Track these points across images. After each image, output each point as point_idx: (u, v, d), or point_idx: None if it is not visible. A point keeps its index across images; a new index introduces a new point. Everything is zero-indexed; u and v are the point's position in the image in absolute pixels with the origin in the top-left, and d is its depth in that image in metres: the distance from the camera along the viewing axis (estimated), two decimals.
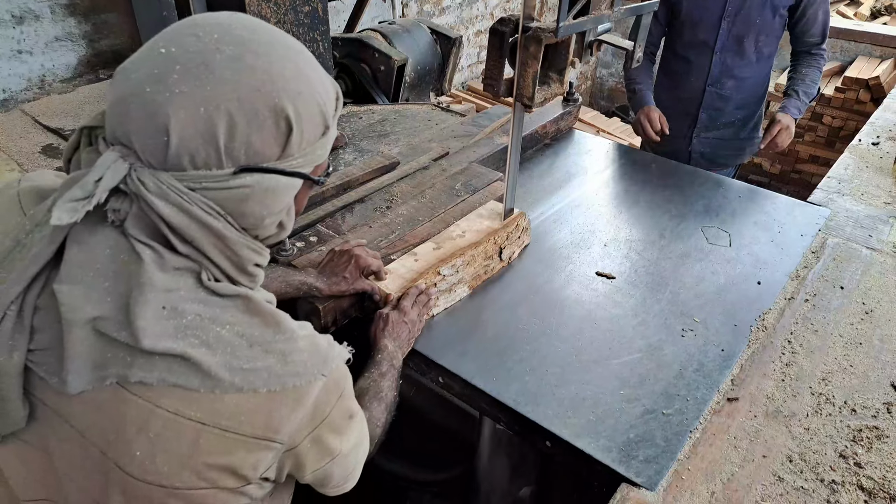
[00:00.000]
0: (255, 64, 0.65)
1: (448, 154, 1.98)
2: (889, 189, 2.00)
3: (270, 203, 0.69)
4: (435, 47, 2.90)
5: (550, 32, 1.35)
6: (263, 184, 0.67)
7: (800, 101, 2.33)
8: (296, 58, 0.69)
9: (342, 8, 2.93)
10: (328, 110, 0.72)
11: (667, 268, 1.60)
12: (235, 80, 0.64)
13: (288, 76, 0.67)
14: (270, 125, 0.66)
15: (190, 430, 0.64)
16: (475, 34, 4.25)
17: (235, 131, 0.64)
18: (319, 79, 0.72)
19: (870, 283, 1.56)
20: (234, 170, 0.65)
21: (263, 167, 0.67)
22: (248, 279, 0.73)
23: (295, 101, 0.67)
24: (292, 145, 0.68)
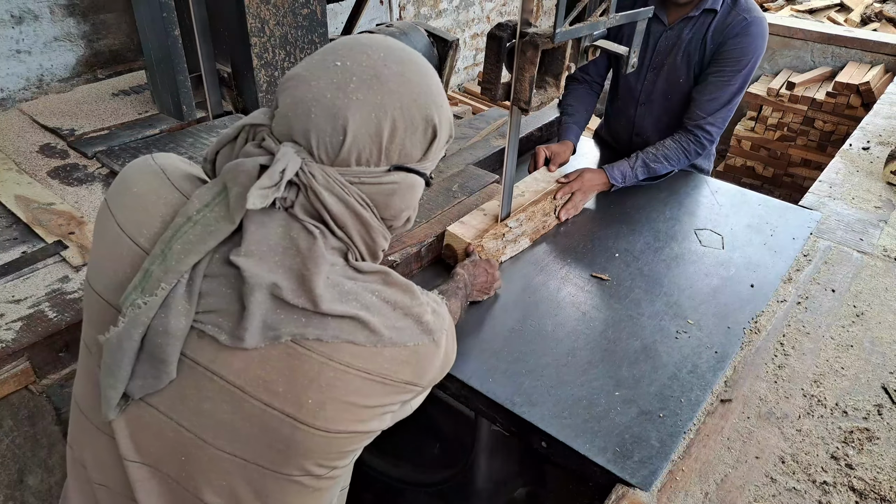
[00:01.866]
0: (413, 79, 0.77)
1: (445, 156, 1.99)
2: (879, 193, 2.03)
3: (409, 199, 0.81)
4: (432, 50, 2.91)
5: (547, 38, 1.36)
6: (407, 181, 0.79)
7: (632, 170, 1.90)
8: (436, 76, 0.82)
9: (340, 10, 2.94)
10: (452, 122, 0.84)
11: (661, 270, 1.62)
12: (400, 91, 0.75)
13: (434, 91, 0.79)
14: (421, 131, 0.78)
15: (357, 380, 0.74)
16: (472, 37, 4.27)
17: (396, 134, 0.76)
18: (440, 88, 0.83)
19: (860, 286, 1.58)
20: (388, 167, 0.77)
21: (409, 167, 0.78)
22: (374, 260, 0.84)
23: (439, 112, 0.79)
24: (433, 150, 0.80)
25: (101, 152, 1.85)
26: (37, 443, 1.28)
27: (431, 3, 3.81)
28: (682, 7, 1.86)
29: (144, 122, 2.04)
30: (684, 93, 1.95)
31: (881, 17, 4.84)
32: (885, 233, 1.81)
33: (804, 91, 4.01)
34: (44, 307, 1.30)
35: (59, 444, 1.32)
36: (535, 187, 1.79)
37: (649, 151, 1.92)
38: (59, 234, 1.50)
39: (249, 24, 2.00)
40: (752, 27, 1.79)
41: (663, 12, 1.91)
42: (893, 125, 2.57)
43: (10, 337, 1.22)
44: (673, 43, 1.90)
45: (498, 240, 1.59)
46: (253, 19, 2.01)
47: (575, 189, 1.82)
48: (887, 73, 3.97)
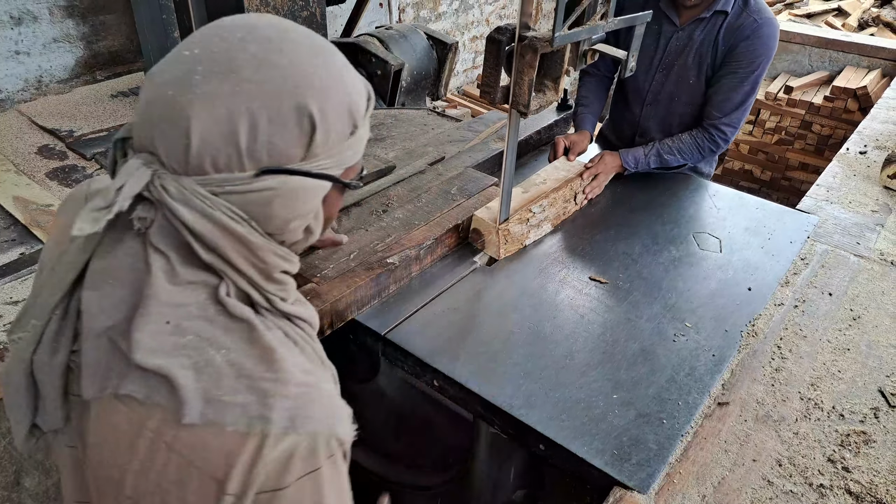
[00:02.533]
0: (279, 62, 0.62)
1: (444, 159, 2.00)
2: (876, 197, 2.04)
3: (296, 206, 0.66)
4: (431, 52, 2.93)
5: (546, 42, 1.37)
6: (288, 185, 0.64)
7: (645, 157, 1.97)
8: (324, 56, 0.67)
9: (339, 13, 2.95)
10: (358, 109, 0.69)
11: (659, 273, 1.62)
12: (258, 79, 0.61)
13: (313, 74, 0.64)
14: (293, 125, 0.63)
15: (163, 454, 0.60)
16: (471, 39, 4.28)
17: (257, 132, 0.62)
18: (350, 77, 0.69)
19: (857, 290, 1.59)
20: (257, 171, 0.63)
21: (287, 168, 0.64)
22: (276, 287, 0.69)
23: (320, 100, 0.64)
24: (317, 145, 0.65)
25: (99, 153, 1.85)
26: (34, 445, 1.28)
27: (431, 5, 3.82)
28: (693, 9, 1.88)
29: None
30: (692, 94, 1.97)
31: (878, 22, 4.86)
32: (881, 237, 1.82)
33: (802, 95, 4.03)
34: None
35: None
36: (556, 175, 1.87)
37: (665, 143, 1.98)
38: None
39: None
40: (762, 29, 1.81)
41: (674, 13, 1.93)
42: (890, 129, 2.58)
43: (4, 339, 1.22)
44: (684, 44, 1.93)
45: (523, 224, 1.68)
46: None
47: (599, 171, 1.95)
48: (884, 78, 3.99)
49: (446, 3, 3.92)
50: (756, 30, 1.82)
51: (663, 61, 1.98)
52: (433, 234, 1.58)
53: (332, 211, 0.75)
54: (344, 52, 2.35)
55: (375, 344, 1.40)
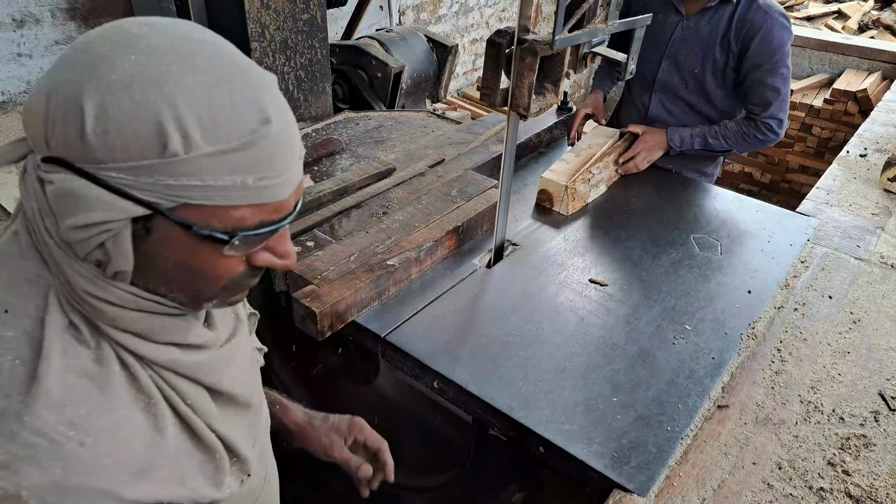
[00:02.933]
0: (96, 49, 0.55)
1: (444, 161, 2.00)
2: (876, 200, 2.04)
3: (71, 209, 0.56)
4: (431, 55, 2.93)
5: (546, 45, 1.37)
6: (66, 183, 0.55)
7: (691, 137, 2.03)
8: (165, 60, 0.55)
9: (340, 15, 2.95)
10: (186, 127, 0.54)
11: (659, 275, 1.62)
12: (71, 58, 0.56)
13: (118, 66, 0.54)
14: (72, 114, 0.54)
15: None
16: (471, 42, 4.28)
17: (48, 114, 0.55)
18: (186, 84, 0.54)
19: (857, 293, 1.59)
20: (43, 156, 0.56)
21: (71, 164, 0.55)
22: (90, 310, 0.61)
23: (105, 93, 0.53)
24: (92, 144, 0.54)
25: None
26: None
27: (431, 8, 3.83)
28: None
29: None
30: (698, 84, 2.04)
31: (878, 25, 4.87)
32: (882, 240, 1.82)
33: (802, 98, 4.03)
34: None
35: None
36: (598, 140, 2.03)
37: (712, 128, 2.05)
38: None
39: (250, 28, 2.01)
40: (773, 22, 1.87)
41: (680, 3, 2.00)
42: (890, 132, 2.58)
43: None
44: (690, 34, 1.99)
45: (585, 184, 1.88)
46: (254, 24, 2.02)
47: (639, 150, 2.04)
48: (884, 81, 3.99)
49: (446, 5, 3.93)
50: (766, 22, 1.87)
51: (669, 50, 2.04)
52: (433, 237, 1.58)
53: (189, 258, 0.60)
54: (344, 54, 2.34)
55: (375, 346, 1.40)
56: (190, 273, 0.62)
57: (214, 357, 0.71)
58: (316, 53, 2.28)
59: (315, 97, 2.35)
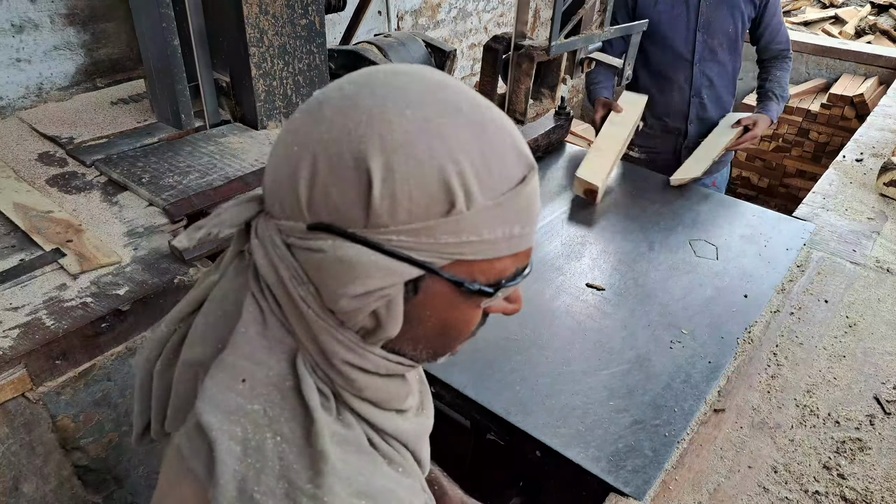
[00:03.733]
0: (362, 104, 0.51)
1: None
2: (872, 205, 2.05)
3: (344, 278, 0.52)
4: (430, 60, 2.94)
5: (542, 51, 1.38)
6: (339, 251, 0.51)
7: (777, 104, 2.42)
8: (435, 112, 0.51)
9: (338, 20, 2.97)
10: (468, 183, 0.51)
11: (656, 280, 1.63)
12: (332, 118, 0.52)
13: (395, 124, 0.50)
14: (351, 176, 0.50)
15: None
16: (469, 47, 4.30)
17: (316, 178, 0.52)
18: (463, 139, 0.51)
19: (853, 297, 1.60)
20: (309, 224, 0.52)
21: (342, 230, 0.52)
22: (342, 380, 0.58)
23: (390, 153, 0.50)
24: (377, 210, 0.50)
25: (99, 160, 1.86)
26: (32, 451, 1.28)
27: (429, 13, 3.84)
28: None
29: (143, 130, 2.05)
30: (731, 41, 2.34)
31: (875, 30, 4.89)
32: (877, 244, 1.83)
33: (799, 102, 4.04)
34: (41, 315, 1.30)
35: (54, 452, 1.32)
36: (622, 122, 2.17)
37: (771, 85, 2.41)
38: (58, 242, 1.51)
39: (249, 34, 2.02)
40: None
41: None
42: (887, 137, 2.59)
43: (8, 344, 1.23)
44: (716, 1, 2.27)
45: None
46: (252, 29, 2.03)
47: (757, 134, 2.35)
48: (881, 86, 4.01)
49: (444, 10, 3.95)
50: None
51: (700, 21, 2.29)
52: None
53: (449, 316, 0.59)
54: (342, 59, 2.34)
55: None
56: (445, 329, 0.61)
57: (418, 424, 0.69)
58: (314, 58, 2.29)
59: None
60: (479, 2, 4.16)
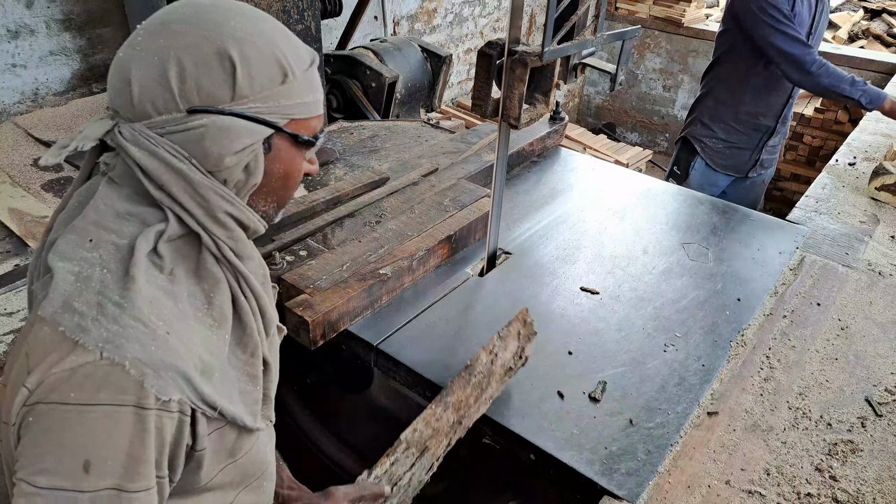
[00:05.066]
0: (206, 17, 0.73)
1: (437, 170, 2.02)
2: (864, 208, 2.06)
3: (227, 143, 0.73)
4: (425, 65, 2.95)
5: (536, 56, 1.39)
6: (217, 123, 0.72)
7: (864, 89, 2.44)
8: (254, 17, 0.76)
9: (335, 25, 2.98)
10: (290, 62, 0.76)
11: (650, 283, 1.64)
12: (185, 30, 0.72)
13: (238, 26, 0.73)
14: (216, 66, 0.71)
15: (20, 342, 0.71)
16: (465, 52, 4.32)
17: (185, 74, 0.71)
18: (282, 36, 0.77)
19: (846, 300, 1.61)
20: (188, 110, 0.71)
21: (216, 109, 0.72)
22: (221, 230, 0.76)
23: (241, 44, 0.73)
24: (241, 87, 0.73)
25: None
26: None
27: (425, 18, 3.86)
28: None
29: None
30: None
31: (868, 35, 4.92)
32: (870, 247, 1.84)
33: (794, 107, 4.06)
34: None
35: None
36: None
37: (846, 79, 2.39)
38: None
39: None
40: None
41: None
42: (879, 141, 2.61)
43: (3, 350, 1.23)
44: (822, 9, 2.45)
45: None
46: None
47: None
48: None
49: (440, 16, 3.96)
50: None
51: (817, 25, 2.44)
52: (426, 245, 1.59)
53: (289, 166, 0.81)
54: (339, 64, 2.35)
55: (368, 355, 1.41)
56: (286, 179, 0.82)
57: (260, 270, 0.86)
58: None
59: None
60: (475, 7, 4.18)
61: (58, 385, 0.63)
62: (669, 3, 4.95)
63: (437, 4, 3.89)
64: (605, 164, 2.32)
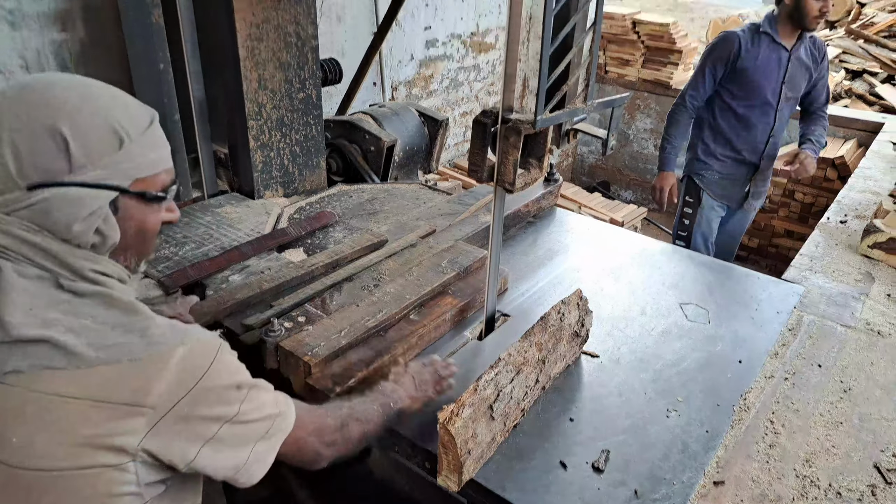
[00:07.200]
0: (31, 98, 0.78)
1: (435, 232, 2.04)
2: (858, 266, 2.08)
3: (72, 212, 0.79)
4: (423, 129, 3.03)
5: (528, 124, 1.44)
6: (59, 195, 0.78)
7: (816, 147, 2.93)
8: (81, 87, 0.82)
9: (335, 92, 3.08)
10: (125, 127, 0.82)
11: (649, 345, 1.63)
12: (11, 112, 0.77)
13: (64, 99, 0.79)
14: (49, 142, 0.77)
15: (63, 407, 0.73)
16: (461, 115, 4.44)
17: (20, 154, 0.76)
18: (115, 103, 0.83)
19: (846, 361, 1.60)
20: (28, 187, 0.77)
21: (55, 181, 0.77)
22: (91, 284, 0.81)
23: (72, 118, 0.78)
24: (77, 158, 0.78)
25: None
26: None
27: (422, 83, 3.99)
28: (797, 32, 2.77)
29: None
30: (798, 94, 2.91)
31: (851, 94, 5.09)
32: (867, 306, 1.84)
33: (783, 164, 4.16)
34: None
35: None
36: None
37: (813, 132, 2.96)
38: None
39: (248, 108, 2.10)
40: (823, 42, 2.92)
41: (786, 41, 2.78)
42: (868, 198, 2.66)
43: None
44: (798, 62, 2.83)
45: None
46: (251, 103, 2.10)
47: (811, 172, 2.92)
48: (860, 148, 4.14)
49: (437, 81, 4.10)
50: (824, 44, 2.90)
51: (787, 77, 2.82)
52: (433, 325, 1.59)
53: (141, 222, 0.88)
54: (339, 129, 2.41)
55: None
56: (141, 233, 0.89)
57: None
58: (311, 129, 2.37)
59: (310, 171, 2.41)
60: (470, 72, 4.34)
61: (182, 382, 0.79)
62: (657, 67, 5.15)
63: (434, 70, 4.03)
64: (600, 224, 2.35)
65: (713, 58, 2.84)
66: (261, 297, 1.62)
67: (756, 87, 2.82)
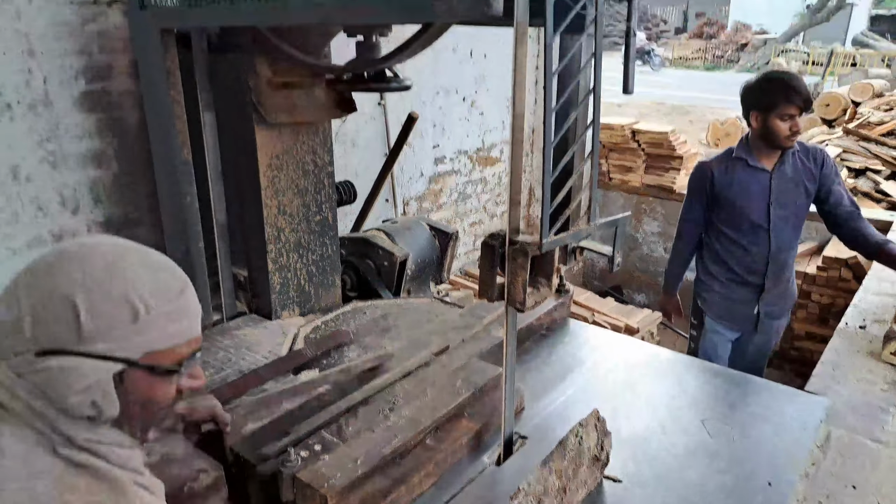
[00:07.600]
0: (61, 264, 0.81)
1: (448, 348, 2.04)
2: (883, 374, 2.03)
3: (69, 383, 0.79)
4: (433, 242, 3.13)
5: (535, 246, 1.49)
6: (62, 364, 0.79)
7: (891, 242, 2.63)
8: (113, 256, 0.83)
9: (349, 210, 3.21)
10: (145, 299, 0.82)
11: (672, 466, 1.57)
12: (38, 279, 0.81)
13: (90, 269, 0.81)
14: (61, 312, 0.79)
15: None
16: (470, 225, 4.58)
17: (37, 319, 0.79)
18: (142, 273, 0.84)
19: (880, 479, 1.52)
20: (36, 352, 0.79)
21: (61, 349, 0.79)
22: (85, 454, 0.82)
23: (88, 291, 0.80)
24: (87, 329, 0.79)
25: None
26: None
27: (432, 198, 4.16)
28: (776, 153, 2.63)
29: None
30: (798, 211, 2.70)
31: (856, 192, 5.19)
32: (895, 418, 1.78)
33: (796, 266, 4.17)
34: None
35: None
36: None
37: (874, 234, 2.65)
38: None
39: (267, 232, 2.19)
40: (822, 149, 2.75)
41: (763, 164, 2.65)
42: (885, 302, 2.64)
43: None
44: (783, 179, 2.64)
45: None
46: (270, 228, 2.21)
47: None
48: None
49: (446, 195, 4.28)
50: (821, 150, 2.72)
51: (773, 198, 2.64)
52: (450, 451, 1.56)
53: (148, 395, 0.86)
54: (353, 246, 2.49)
55: None
56: (148, 405, 0.87)
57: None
58: (326, 249, 2.46)
59: (325, 290, 2.47)
60: (478, 185, 4.53)
61: None
62: (660, 172, 5.32)
63: (443, 185, 4.22)
64: (614, 336, 2.34)
65: (692, 189, 2.81)
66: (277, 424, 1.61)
67: (739, 211, 2.70)
